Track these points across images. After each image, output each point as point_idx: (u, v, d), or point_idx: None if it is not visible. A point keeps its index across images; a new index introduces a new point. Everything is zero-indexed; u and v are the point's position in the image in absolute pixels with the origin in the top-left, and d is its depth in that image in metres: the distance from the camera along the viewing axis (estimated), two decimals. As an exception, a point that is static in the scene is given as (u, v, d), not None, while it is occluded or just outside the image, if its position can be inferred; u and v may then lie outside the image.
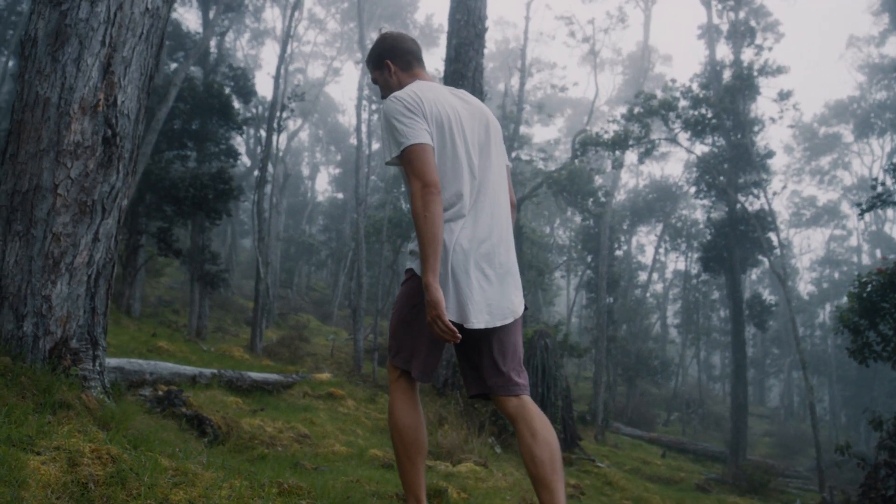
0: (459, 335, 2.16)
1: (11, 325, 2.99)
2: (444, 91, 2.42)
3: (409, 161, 2.23)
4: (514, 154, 26.87)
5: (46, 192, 3.08)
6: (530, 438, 2.21)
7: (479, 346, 2.34)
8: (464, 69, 11.06)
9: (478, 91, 11.25)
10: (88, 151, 3.18)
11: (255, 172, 26.00)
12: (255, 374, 8.10)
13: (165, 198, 15.53)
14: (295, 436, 6.08)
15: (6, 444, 2.18)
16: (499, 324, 2.28)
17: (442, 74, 12.00)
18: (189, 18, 23.01)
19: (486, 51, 11.78)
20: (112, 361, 5.24)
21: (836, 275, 48.54)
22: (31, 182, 3.08)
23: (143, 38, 3.50)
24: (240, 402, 6.81)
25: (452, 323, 2.18)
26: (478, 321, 2.22)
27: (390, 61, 2.54)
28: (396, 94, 2.34)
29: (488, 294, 2.26)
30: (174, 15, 20.95)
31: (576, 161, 23.69)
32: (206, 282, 18.97)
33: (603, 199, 26.29)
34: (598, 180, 29.02)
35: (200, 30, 21.64)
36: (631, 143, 19.54)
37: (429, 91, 2.35)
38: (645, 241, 52.69)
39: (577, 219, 37.40)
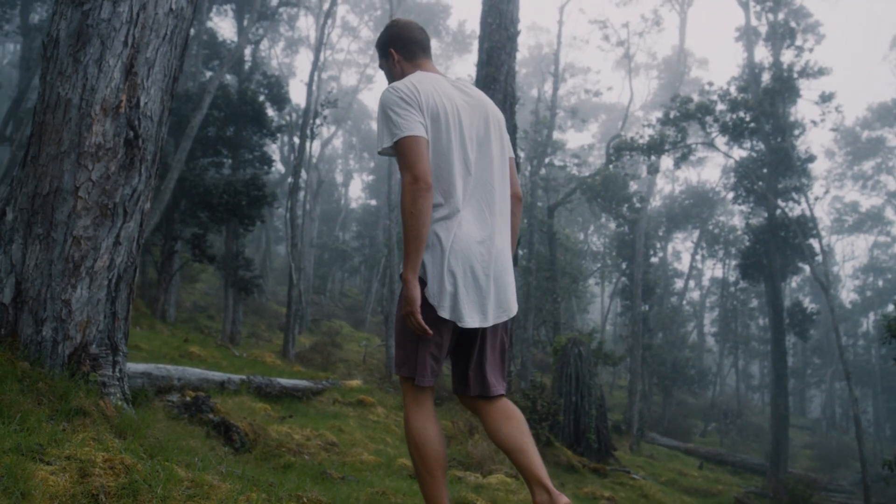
0: (430, 332, 2.17)
1: (31, 330, 2.94)
2: (443, 83, 2.37)
3: (401, 153, 2.20)
4: (547, 160, 26.65)
5: (67, 194, 3.03)
6: (505, 422, 2.29)
7: (468, 345, 2.33)
8: (496, 73, 10.93)
9: (510, 95, 11.11)
10: (110, 153, 3.13)
11: (289, 179, 26.19)
12: (284, 381, 8.05)
13: (199, 204, 15.67)
14: (323, 444, 5.99)
15: (15, 453, 2.11)
16: (491, 323, 2.26)
17: (474, 79, 11.89)
18: (224, 27, 23.31)
19: (518, 56, 11.66)
20: (139, 367, 5.22)
21: (881, 283, 47.20)
22: (51, 184, 3.03)
23: (167, 39, 3.45)
24: (268, 408, 6.76)
25: (444, 321, 2.19)
26: (471, 321, 2.21)
27: (394, 50, 2.51)
28: (394, 84, 2.31)
29: (482, 293, 2.24)
30: (209, 24, 21.23)
31: (610, 166, 23.39)
32: (240, 288, 19.09)
33: (638, 205, 25.92)
34: (633, 186, 28.62)
35: (236, 39, 21.90)
36: (667, 147, 19.21)
37: (427, 82, 2.31)
38: (681, 248, 51.85)
39: (612, 225, 36.97)
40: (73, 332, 2.99)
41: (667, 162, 33.51)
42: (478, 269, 2.24)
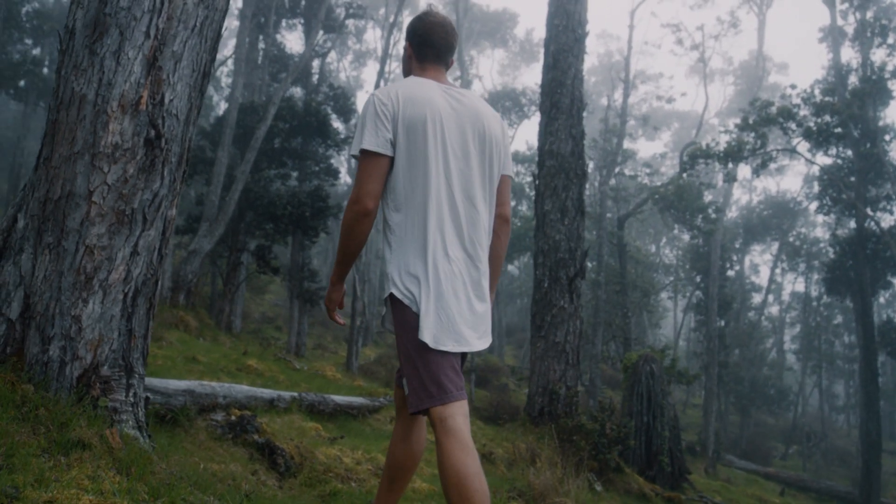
0: (342, 321, 2.44)
1: (37, 349, 2.66)
2: (434, 91, 2.27)
3: (359, 165, 2.18)
4: (617, 169, 25.84)
5: (80, 199, 2.75)
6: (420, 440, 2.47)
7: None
8: (562, 76, 10.45)
9: (577, 100, 10.61)
10: (128, 154, 2.84)
11: (355, 191, 26.15)
12: (338, 398, 7.74)
13: (264, 215, 15.69)
14: (374, 468, 5.62)
15: (-20, 500, 1.80)
16: (465, 349, 2.18)
17: (539, 84, 11.43)
18: (291, 40, 23.53)
19: (587, 64, 11.16)
20: (182, 384, 4.97)
21: (982, 299, 43.92)
22: (63, 188, 2.76)
23: (197, 32, 3.16)
24: (319, 428, 6.44)
25: (421, 342, 2.11)
26: (444, 345, 2.12)
27: (410, 45, 2.43)
28: (376, 91, 2.27)
29: (458, 317, 2.15)
30: (277, 37, 21.46)
31: (684, 175, 22.43)
32: (305, 299, 19.09)
33: (713, 216, 24.78)
34: (708, 196, 27.45)
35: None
36: (745, 154, 18.22)
37: (414, 89, 2.24)
38: (759, 261, 49.73)
39: (685, 237, 35.66)
40: (82, 351, 2.70)
41: (744, 171, 32.11)
42: (455, 293, 2.16)
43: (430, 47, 2.38)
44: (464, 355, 2.27)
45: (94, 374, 2.70)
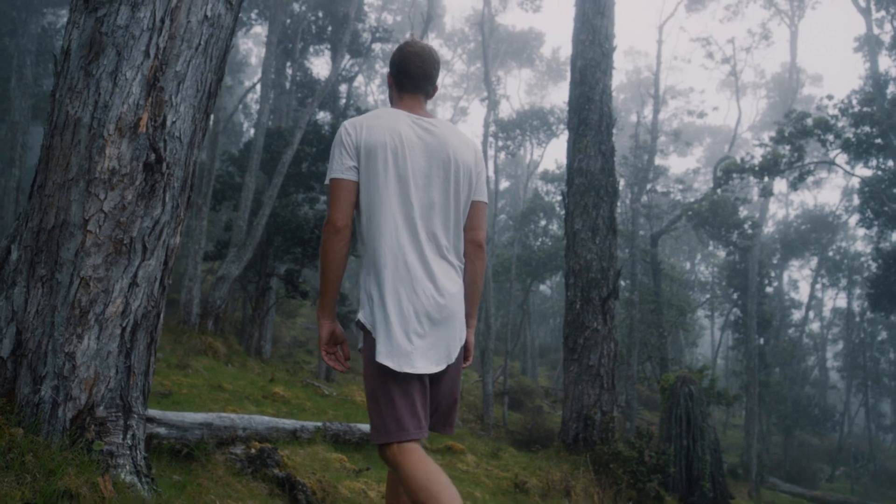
0: (342, 368, 2.34)
1: (28, 389, 2.49)
2: (400, 120, 2.33)
3: (329, 193, 2.28)
4: (648, 186, 25.41)
5: (74, 228, 2.59)
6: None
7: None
8: (590, 92, 10.22)
9: (606, 116, 10.36)
10: (126, 180, 2.68)
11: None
12: (365, 426, 7.50)
13: (292, 239, 15.64)
14: (400, 503, 5.37)
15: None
16: (422, 371, 2.19)
17: (567, 101, 11.21)
18: (318, 64, 23.67)
19: (616, 81, 10.94)
20: (199, 417, 4.79)
21: None
22: (57, 217, 2.60)
23: (201, 51, 3.01)
24: (344, 459, 6.21)
25: (378, 367, 2.18)
26: (400, 367, 2.15)
27: (391, 75, 2.50)
28: (345, 122, 2.37)
29: (415, 343, 2.18)
30: (304, 62, 21.60)
31: (718, 190, 21.94)
32: (335, 323, 18.91)
33: (750, 231, 24.18)
34: (744, 211, 26.84)
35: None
36: (782, 167, 17.72)
37: (378, 119, 2.32)
38: (798, 277, 48.51)
39: (721, 253, 34.94)
40: (76, 391, 2.52)
41: (779, 185, 31.39)
42: (410, 319, 2.18)
43: (406, 77, 2.42)
44: (436, 385, 2.30)
45: (88, 416, 2.52)
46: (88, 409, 2.53)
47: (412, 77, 2.41)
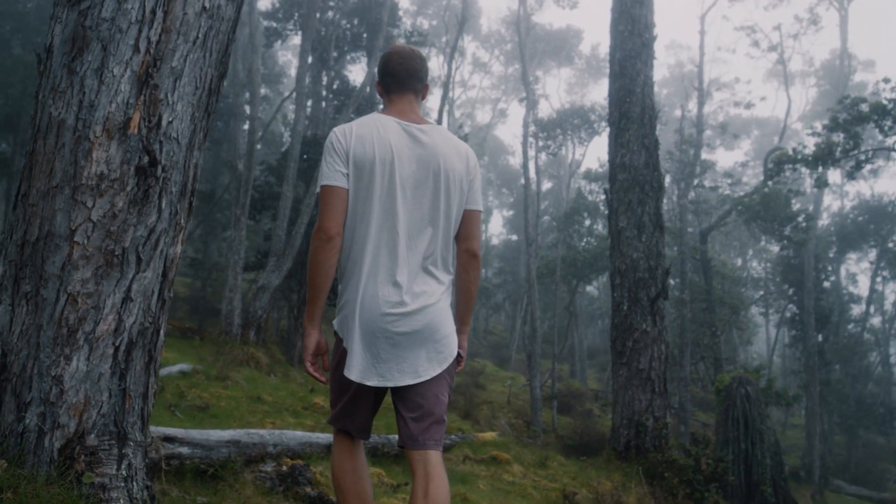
0: (323, 379, 2.33)
1: (12, 417, 2.28)
2: (389, 129, 2.28)
3: (320, 200, 2.27)
4: (695, 181, 24.66)
5: (60, 240, 2.37)
6: (421, 498, 2.12)
7: (393, 398, 2.32)
8: (631, 84, 9.80)
9: (648, 108, 9.92)
10: (116, 185, 2.45)
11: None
12: (405, 438, 7.24)
13: (332, 247, 15.50)
14: (439, 521, 5.08)
15: None
16: (391, 385, 2.22)
17: (606, 95, 10.80)
18: (354, 72, 23.61)
19: (658, 76, 10.51)
20: (226, 434, 4.59)
21: None
22: (41, 228, 2.39)
23: (199, 44, 2.78)
24: (382, 473, 5.95)
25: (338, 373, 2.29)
26: (369, 380, 2.20)
27: (378, 82, 2.48)
28: (335, 128, 2.36)
29: (381, 356, 2.20)
30: (341, 70, 21.56)
31: (769, 183, 21.12)
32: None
33: (804, 224, 23.23)
34: (796, 204, 25.85)
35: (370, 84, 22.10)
36: (837, 156, 16.91)
37: (367, 128, 2.28)
38: (856, 270, 46.64)
39: (774, 248, 33.81)
40: (64, 418, 2.30)
41: (833, 176, 30.20)
42: (383, 332, 2.18)
43: (389, 76, 2.40)
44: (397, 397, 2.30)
45: (78, 445, 2.30)
46: (78, 438, 2.30)
47: (395, 75, 2.39)
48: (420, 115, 2.41)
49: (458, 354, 2.39)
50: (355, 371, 2.19)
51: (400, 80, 2.38)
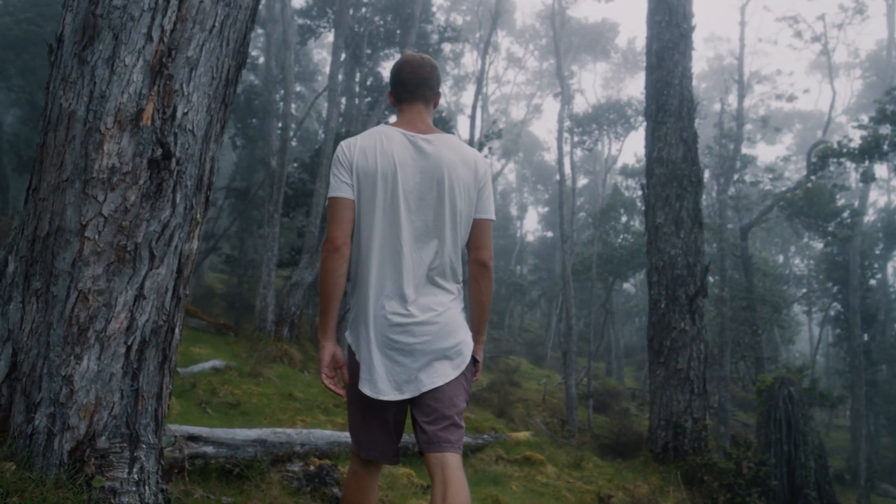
0: (342, 392, 2.30)
1: (21, 417, 2.21)
2: (393, 141, 2.27)
3: (328, 211, 2.28)
4: (736, 176, 24.08)
5: (70, 235, 2.30)
6: (440, 501, 2.08)
7: (410, 408, 2.29)
8: (668, 76, 9.53)
9: (687, 101, 9.64)
10: (128, 179, 2.37)
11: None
12: (436, 437, 7.12)
13: (365, 244, 15.48)
14: (469, 524, 4.95)
15: None
16: (408, 396, 2.20)
17: (643, 89, 10.53)
18: (388, 68, 23.57)
19: (697, 70, 10.22)
20: (252, 433, 4.52)
21: None
22: (52, 223, 2.32)
23: (216, 33, 2.69)
24: (412, 474, 5.84)
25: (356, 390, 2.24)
26: (385, 395, 2.18)
27: (389, 92, 2.48)
28: (342, 141, 2.37)
29: (395, 370, 2.18)
30: (374, 66, 21.54)
31: (812, 177, 20.50)
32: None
33: (849, 220, 22.52)
34: (841, 199, 25.08)
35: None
36: (885, 149, 16.31)
37: (374, 138, 2.28)
38: (904, 267, 45.19)
39: (818, 245, 32.92)
40: (74, 419, 2.22)
41: (880, 170, 29.25)
42: (392, 345, 2.18)
43: (400, 85, 2.38)
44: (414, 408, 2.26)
45: (88, 447, 2.22)
46: (88, 440, 2.23)
47: (405, 84, 2.37)
48: (429, 125, 2.38)
49: (474, 360, 2.37)
50: (368, 385, 2.19)
51: (410, 88, 2.37)
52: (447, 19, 28.62)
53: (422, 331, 2.19)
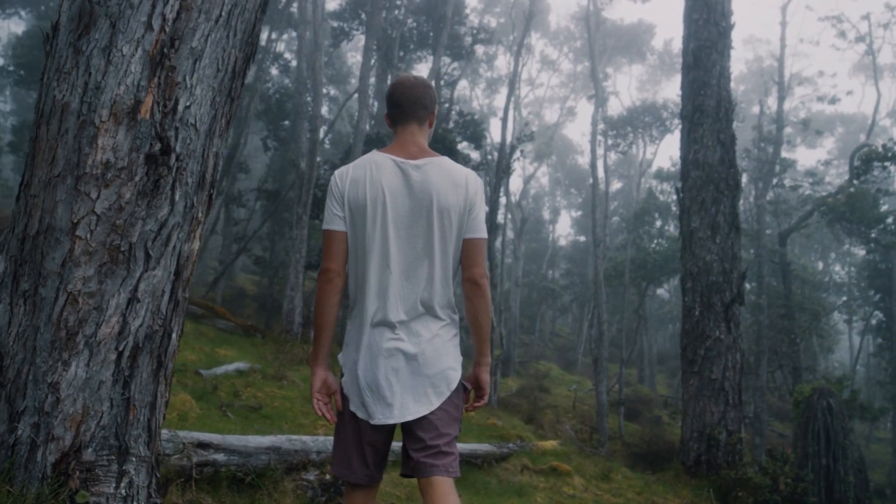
0: (335, 419, 2.33)
1: (3, 427, 2.09)
2: (383, 168, 2.29)
3: (322, 243, 2.36)
4: (775, 180, 23.48)
5: (61, 234, 2.17)
6: None
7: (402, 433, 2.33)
8: (706, 76, 9.23)
9: (725, 101, 9.32)
10: (123, 175, 2.24)
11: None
12: (462, 445, 6.94)
13: (394, 247, 15.38)
14: (490, 539, 4.76)
15: None
16: (392, 422, 2.20)
17: (679, 90, 10.22)
18: (421, 70, 23.45)
19: (735, 72, 9.88)
20: (265, 440, 4.39)
21: None
22: (42, 222, 2.20)
23: (223, 23, 2.56)
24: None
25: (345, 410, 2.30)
26: (374, 419, 2.19)
27: (386, 114, 2.49)
28: (336, 171, 2.40)
29: (383, 395, 2.18)
30: (407, 68, 21.45)
31: (855, 182, 19.87)
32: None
33: (893, 227, 21.79)
34: (885, 205, 24.31)
35: (433, 84, 21.88)
36: (933, 152, 15.71)
37: (365, 168, 2.31)
38: (951, 276, 43.73)
39: (859, 251, 32.02)
40: (59, 429, 2.09)
41: (928, 174, 28.21)
42: (383, 370, 2.19)
43: (395, 106, 2.40)
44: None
45: (74, 460, 2.09)
46: (74, 452, 2.10)
47: (399, 104, 2.39)
48: (422, 147, 2.38)
49: (479, 388, 2.39)
50: (359, 408, 2.22)
51: (403, 109, 2.38)
52: (480, 21, 28.46)
53: (409, 358, 2.20)
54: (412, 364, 2.21)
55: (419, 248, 2.27)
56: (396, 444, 2.57)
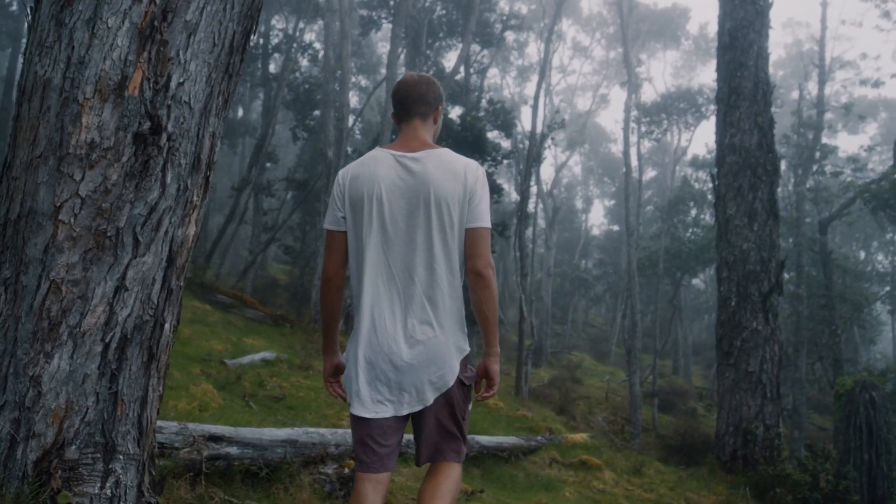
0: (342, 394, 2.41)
1: (-17, 423, 1.97)
2: (382, 165, 2.30)
3: (324, 242, 2.45)
4: (815, 167, 22.78)
5: (43, 218, 2.05)
6: (425, 483, 2.22)
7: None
8: (742, 56, 8.87)
9: (762, 83, 8.95)
10: (110, 155, 2.10)
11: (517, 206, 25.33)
12: (484, 439, 6.78)
13: (423, 236, 15.25)
14: (515, 537, 4.60)
15: None
16: (386, 416, 2.21)
17: (714, 74, 9.86)
18: (451, 58, 23.19)
19: (774, 57, 9.49)
20: (281, 433, 4.26)
21: None
22: (23, 205, 2.08)
23: (219, -5, 2.41)
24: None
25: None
26: (367, 413, 2.20)
27: (393, 112, 2.54)
28: (340, 170, 2.48)
29: (380, 390, 2.20)
30: (437, 58, 21.24)
31: (900, 168, 19.15)
32: (472, 320, 18.44)
33: (940, 214, 20.96)
34: (931, 191, 23.36)
35: (462, 72, 21.64)
36: (984, 136, 15.01)
37: (362, 167, 2.33)
38: None
39: (904, 240, 31.02)
40: (41, 425, 1.97)
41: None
42: (380, 364, 2.20)
43: (398, 104, 2.44)
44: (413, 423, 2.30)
45: (56, 458, 1.97)
46: (56, 450, 1.97)
47: (402, 102, 2.42)
48: (424, 141, 2.37)
49: (489, 377, 2.37)
50: (357, 404, 2.22)
51: (405, 106, 2.42)
52: (511, 8, 28.07)
53: (411, 353, 2.19)
54: (415, 360, 2.19)
55: (419, 243, 2.25)
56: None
